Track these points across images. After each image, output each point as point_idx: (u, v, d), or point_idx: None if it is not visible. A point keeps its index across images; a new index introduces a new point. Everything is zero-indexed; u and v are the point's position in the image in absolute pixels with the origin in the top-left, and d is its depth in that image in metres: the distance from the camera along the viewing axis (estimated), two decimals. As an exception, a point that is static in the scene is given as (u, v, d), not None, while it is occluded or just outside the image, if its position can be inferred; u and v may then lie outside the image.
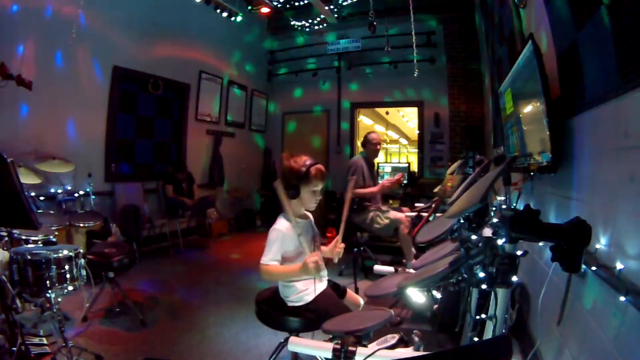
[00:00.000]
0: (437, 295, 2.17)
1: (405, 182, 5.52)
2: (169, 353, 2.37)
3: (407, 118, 9.51)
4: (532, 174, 1.94)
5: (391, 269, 2.66)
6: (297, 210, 1.78)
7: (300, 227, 1.73)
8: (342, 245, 1.79)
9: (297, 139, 7.43)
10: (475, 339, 1.42)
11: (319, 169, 1.74)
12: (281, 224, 1.72)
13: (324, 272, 1.81)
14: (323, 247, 1.85)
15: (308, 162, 1.73)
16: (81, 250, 2.31)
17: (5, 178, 1.63)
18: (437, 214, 3.04)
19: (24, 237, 2.49)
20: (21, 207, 1.69)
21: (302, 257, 1.72)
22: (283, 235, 1.69)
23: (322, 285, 1.81)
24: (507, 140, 2.62)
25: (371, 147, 3.98)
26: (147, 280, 3.69)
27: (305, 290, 1.75)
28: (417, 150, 6.70)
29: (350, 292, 1.96)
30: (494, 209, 1.96)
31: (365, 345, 1.30)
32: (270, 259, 1.65)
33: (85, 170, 4.10)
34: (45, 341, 2.22)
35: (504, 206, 1.94)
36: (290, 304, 1.76)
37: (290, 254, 1.72)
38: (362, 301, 1.97)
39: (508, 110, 2.47)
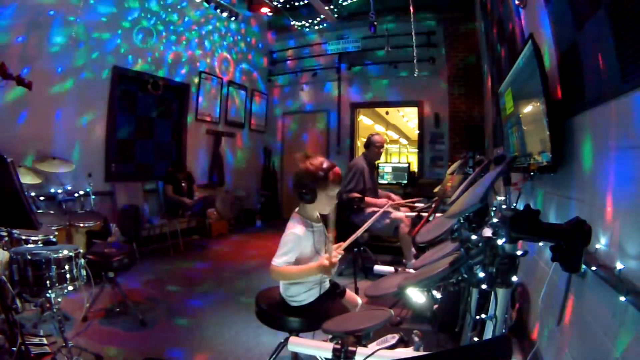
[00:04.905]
0: (437, 295, 2.16)
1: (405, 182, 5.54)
2: (169, 353, 2.37)
3: (407, 118, 9.52)
4: (532, 174, 1.93)
5: (391, 269, 2.65)
6: (312, 214, 1.74)
7: (316, 232, 1.69)
8: (342, 251, 1.74)
9: (297, 139, 7.43)
10: (475, 339, 1.42)
11: (336, 172, 1.68)
12: (298, 229, 1.66)
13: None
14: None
15: (325, 165, 1.65)
16: (81, 250, 2.31)
17: (5, 178, 1.63)
18: (437, 214, 3.04)
19: (24, 237, 2.49)
20: (21, 207, 1.68)
21: (314, 261, 1.69)
22: (300, 240, 1.64)
23: (325, 286, 1.80)
24: (507, 140, 2.62)
25: (374, 149, 3.97)
26: (147, 280, 3.69)
27: (308, 290, 1.73)
28: (417, 150, 6.71)
29: (348, 292, 1.96)
30: (494, 209, 1.96)
31: (365, 345, 1.30)
32: (284, 261, 1.59)
33: (85, 170, 4.11)
34: (45, 341, 2.21)
35: (504, 206, 1.94)
36: (291, 304, 1.75)
37: (303, 259, 1.68)
38: (359, 300, 1.96)
39: (508, 110, 2.47)
